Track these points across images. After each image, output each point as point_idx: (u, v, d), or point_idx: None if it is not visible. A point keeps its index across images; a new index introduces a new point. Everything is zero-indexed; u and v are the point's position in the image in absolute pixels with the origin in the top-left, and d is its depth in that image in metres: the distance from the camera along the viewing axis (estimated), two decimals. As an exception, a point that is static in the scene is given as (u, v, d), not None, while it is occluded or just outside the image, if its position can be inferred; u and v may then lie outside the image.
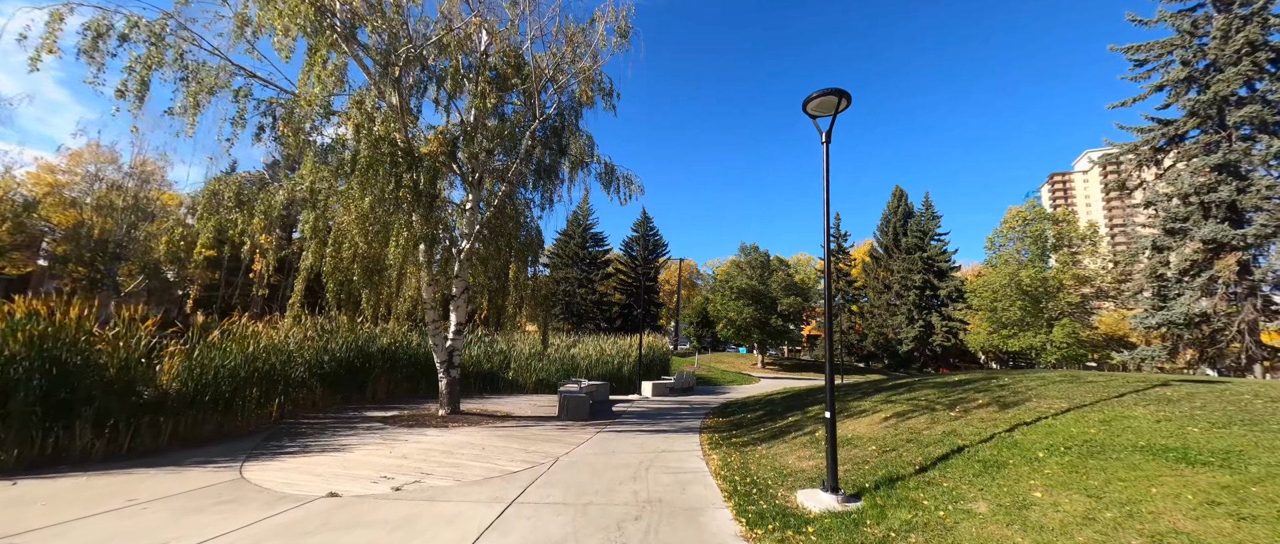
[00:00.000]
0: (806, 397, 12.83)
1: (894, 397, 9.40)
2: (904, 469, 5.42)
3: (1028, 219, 30.99)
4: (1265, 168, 21.80)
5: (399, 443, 7.65)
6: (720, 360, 40.37)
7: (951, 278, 42.08)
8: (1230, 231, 21.50)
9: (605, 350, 20.57)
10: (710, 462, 7.04)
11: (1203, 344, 23.61)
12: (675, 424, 10.72)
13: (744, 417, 11.31)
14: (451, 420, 9.80)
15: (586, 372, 18.57)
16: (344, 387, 11.97)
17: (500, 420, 10.18)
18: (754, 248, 41.02)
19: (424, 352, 14.48)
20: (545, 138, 12.26)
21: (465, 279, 10.89)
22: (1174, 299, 23.36)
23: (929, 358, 42.85)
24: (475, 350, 16.93)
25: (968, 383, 9.57)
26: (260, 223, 8.20)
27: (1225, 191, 22.02)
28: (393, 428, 8.91)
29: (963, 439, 5.99)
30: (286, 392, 9.67)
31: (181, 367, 7.71)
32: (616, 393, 17.80)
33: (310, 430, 8.50)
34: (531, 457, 7.09)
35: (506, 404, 12.87)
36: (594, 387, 14.27)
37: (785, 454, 7.02)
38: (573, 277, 49.73)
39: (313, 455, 6.80)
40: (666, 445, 8.16)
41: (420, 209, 8.75)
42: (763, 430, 9.14)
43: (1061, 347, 26.56)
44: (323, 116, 7.93)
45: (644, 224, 56.07)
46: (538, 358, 17.95)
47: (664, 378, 20.34)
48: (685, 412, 13.10)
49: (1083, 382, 8.51)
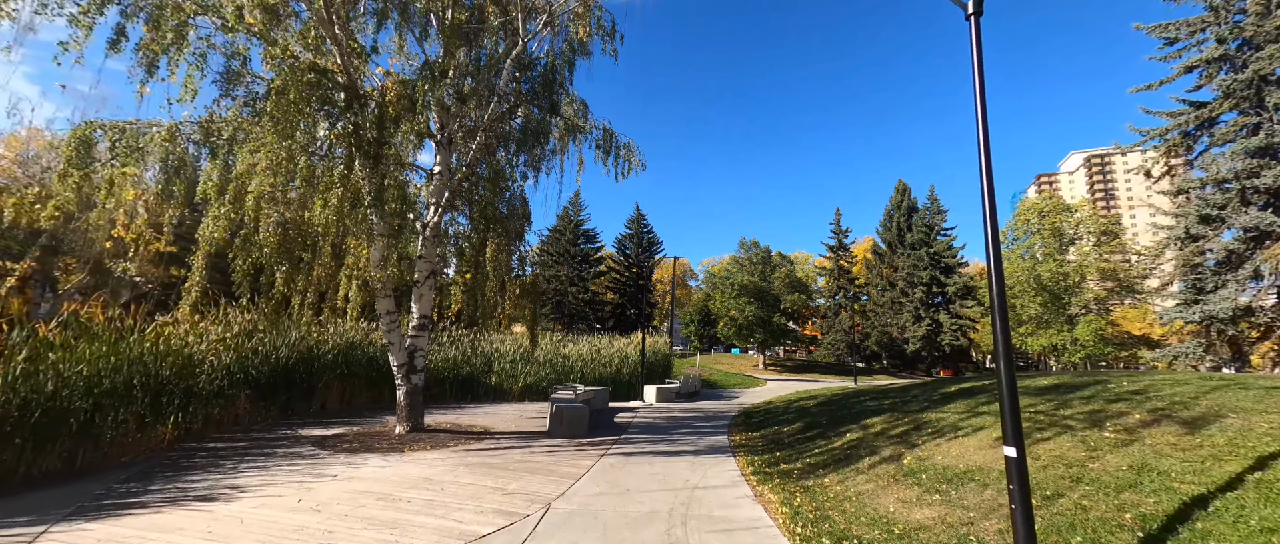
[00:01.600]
0: (844, 403, 10.75)
1: (981, 407, 7.34)
2: (1114, 536, 3.32)
3: (1044, 210, 29.48)
4: (1312, 152, 20.32)
5: (321, 482, 5.37)
6: (719, 362, 38.33)
7: (959, 274, 40.50)
8: (1275, 219, 19.96)
9: (601, 351, 18.33)
10: (769, 505, 4.90)
11: (1240, 341, 22.10)
12: (696, 441, 8.55)
13: (779, 430, 9.18)
14: (410, 441, 7.52)
15: (581, 375, 16.33)
16: (283, 397, 9.59)
17: (475, 440, 7.91)
18: (754, 243, 39.07)
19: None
20: (532, 93, 10.05)
21: (432, 261, 8.62)
22: (1212, 292, 21.79)
23: (936, 359, 41.25)
24: (452, 351, 14.58)
25: (1072, 388, 7.54)
26: (132, 172, 5.88)
27: (1269, 177, 20.48)
28: (327, 454, 6.62)
29: (1176, 479, 3.92)
30: (188, 406, 7.31)
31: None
32: (616, 399, 15.58)
33: (206, 461, 6.18)
34: (510, 503, 4.86)
35: (486, 415, 10.59)
36: (591, 393, 12.06)
37: (876, 494, 4.90)
38: (564, 274, 47.37)
39: (176, 509, 4.50)
40: (698, 477, 5.99)
41: (364, 161, 6.49)
42: (817, 452, 7.02)
43: (1086, 345, 24.99)
44: (203, 13, 5.64)
45: (638, 220, 53.90)
46: (525, 360, 15.65)
47: (668, 382, 18.16)
48: (701, 422, 10.94)
49: (1236, 386, 6.53)
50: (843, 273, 46.47)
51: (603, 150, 11.23)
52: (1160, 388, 6.59)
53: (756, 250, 38.41)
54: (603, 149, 11.22)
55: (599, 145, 11.22)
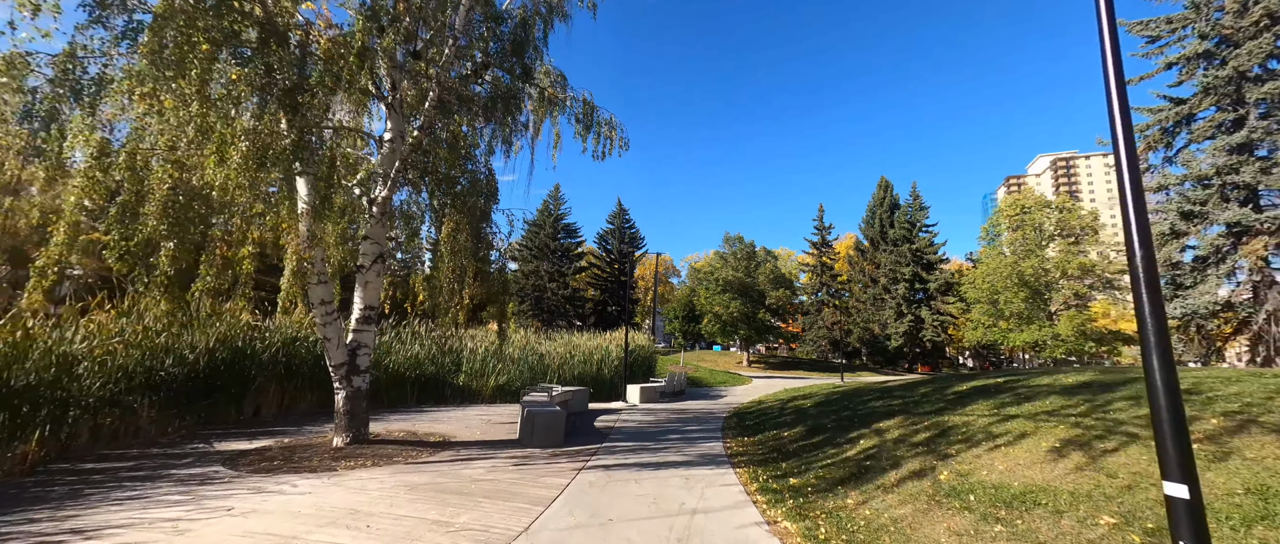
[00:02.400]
0: (845, 403, 9.89)
1: (1007, 408, 6.51)
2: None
3: (1026, 207, 29.56)
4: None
5: (207, 520, 4.11)
6: (703, 359, 37.53)
7: (941, 270, 40.68)
8: (1255, 215, 20.16)
9: (580, 348, 17.18)
10: (788, 539, 3.89)
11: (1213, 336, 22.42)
12: (688, 449, 7.52)
13: (779, 436, 8.23)
14: (348, 456, 6.26)
15: (558, 374, 15.15)
16: (204, 403, 8.15)
17: (430, 452, 6.69)
18: (739, 238, 38.33)
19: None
20: (501, 54, 8.81)
21: (381, 242, 7.33)
22: (1191, 288, 21.96)
23: (918, 355, 41.40)
24: (415, 348, 13.20)
25: (1106, 387, 6.77)
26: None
27: (1248, 173, 20.65)
28: (236, 476, 5.33)
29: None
30: (64, 418, 5.90)
31: None
32: (597, 400, 14.48)
33: (69, 488, 4.82)
34: (454, 542, 3.73)
35: (448, 421, 9.34)
36: (569, 394, 10.92)
37: (917, 522, 3.94)
38: (544, 270, 45.86)
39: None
40: (696, 498, 4.95)
41: (279, 108, 5.20)
42: (827, 462, 6.07)
43: (1067, 340, 25.08)
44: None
45: (619, 215, 52.72)
46: (498, 358, 14.39)
47: (652, 381, 17.13)
48: (691, 426, 9.93)
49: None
50: (826, 269, 46.24)
51: (582, 124, 10.09)
52: (1213, 387, 5.86)
53: (741, 245, 37.71)
54: (582, 123, 10.08)
55: (578, 119, 10.07)
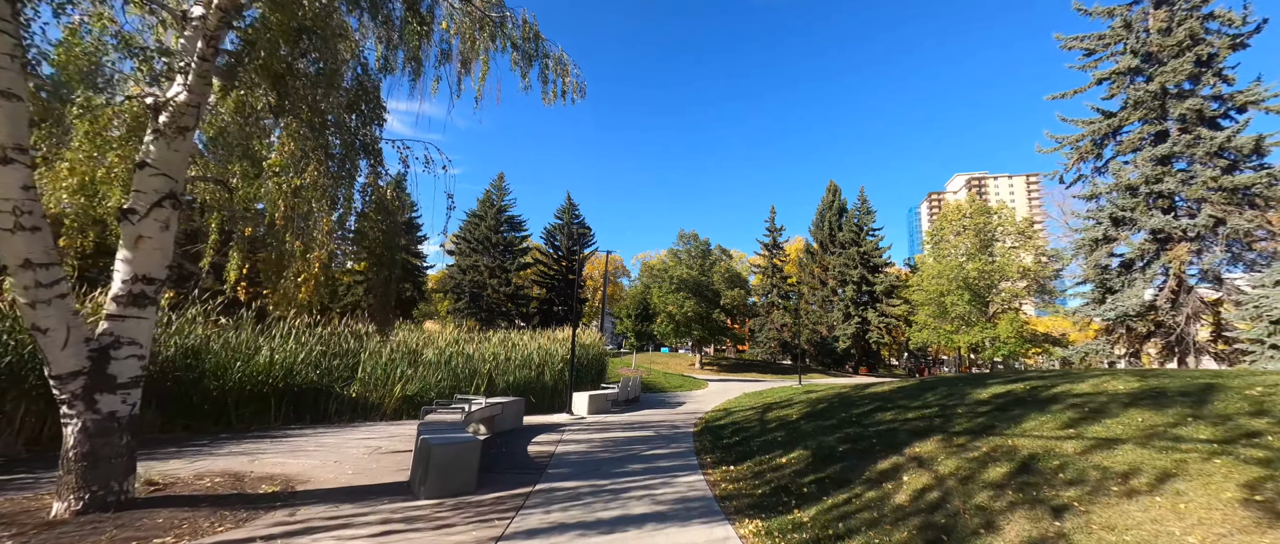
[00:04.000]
0: (841, 414, 8.10)
1: (1088, 426, 4.90)
2: None
3: (967, 213, 30.46)
4: (1205, 162, 21.99)
5: None
6: (655, 361, 35.68)
7: (886, 273, 41.63)
8: (1176, 223, 21.34)
9: (518, 349, 14.46)
10: None
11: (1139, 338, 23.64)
12: (659, 489, 5.31)
13: (775, 462, 6.22)
14: (72, 537, 3.43)
15: (491, 380, 12.42)
16: None
17: (246, 515, 3.97)
18: (694, 235, 36.95)
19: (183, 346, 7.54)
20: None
21: (172, 174, 4.49)
22: (1120, 292, 23.02)
23: (862, 357, 42.10)
24: (291, 346, 9.94)
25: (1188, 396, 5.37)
26: None
27: (1170, 183, 21.87)
28: None
29: None
30: None
31: None
32: (538, 411, 11.94)
33: None
34: None
35: (312, 453, 6.48)
36: (496, 409, 8.37)
37: None
38: (484, 265, 42.07)
39: None
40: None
41: None
42: (865, 512, 4.11)
43: (1007, 342, 25.74)
44: None
45: (568, 210, 49.83)
46: (410, 361, 11.44)
47: (603, 386, 14.82)
48: (656, 447, 7.73)
49: None
50: (776, 271, 46.14)
51: (524, 55, 7.67)
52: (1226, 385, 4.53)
53: (696, 243, 36.32)
54: (523, 53, 7.66)
55: (516, 45, 7.63)
